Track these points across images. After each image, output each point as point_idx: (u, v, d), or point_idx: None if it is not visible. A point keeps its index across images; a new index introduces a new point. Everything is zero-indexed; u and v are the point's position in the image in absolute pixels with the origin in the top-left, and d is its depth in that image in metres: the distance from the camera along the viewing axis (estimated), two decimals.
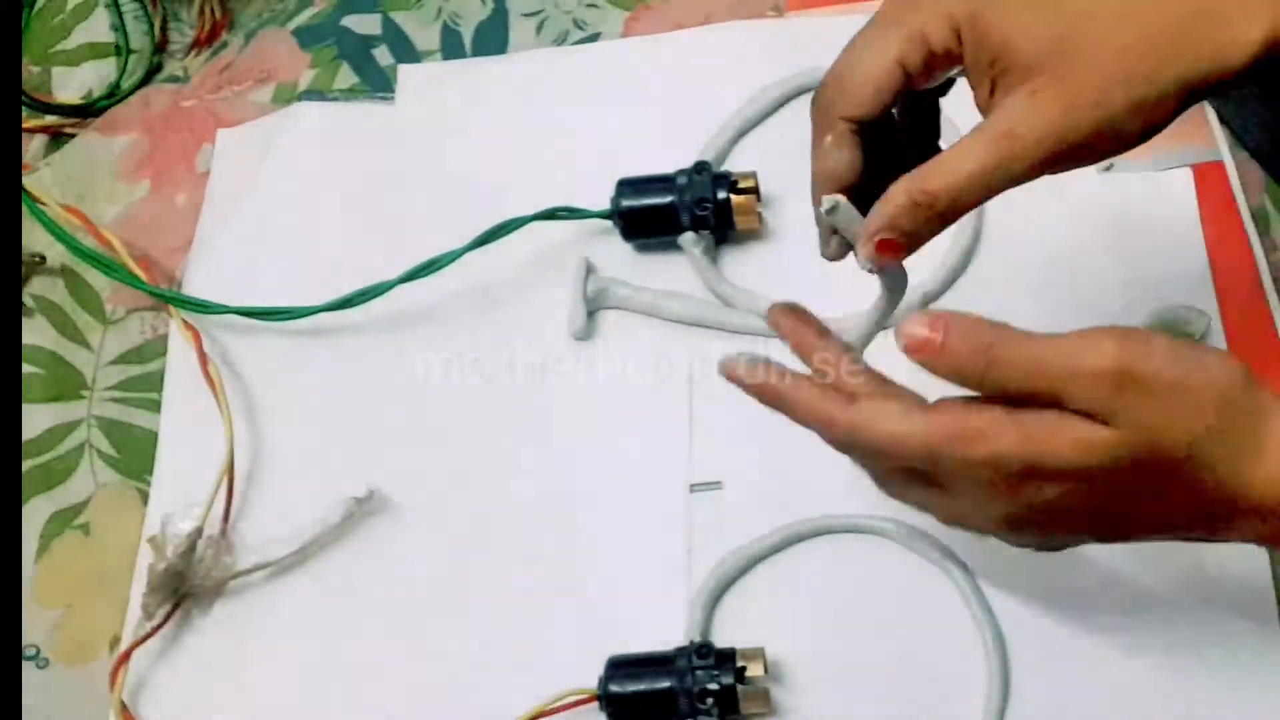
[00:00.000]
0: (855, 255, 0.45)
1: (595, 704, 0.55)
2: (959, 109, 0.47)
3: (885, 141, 0.45)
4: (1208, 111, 0.67)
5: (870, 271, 0.45)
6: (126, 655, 0.60)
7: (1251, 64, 0.41)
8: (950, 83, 0.45)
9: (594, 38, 0.75)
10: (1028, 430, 0.40)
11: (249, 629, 0.62)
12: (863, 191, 0.44)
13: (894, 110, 0.45)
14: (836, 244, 0.46)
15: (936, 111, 0.47)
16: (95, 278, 0.72)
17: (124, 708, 0.60)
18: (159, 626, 0.60)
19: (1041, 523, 0.42)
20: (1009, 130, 0.41)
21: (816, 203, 0.45)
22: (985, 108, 0.43)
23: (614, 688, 0.56)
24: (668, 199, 0.65)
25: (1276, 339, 0.62)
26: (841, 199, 0.44)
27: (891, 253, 0.44)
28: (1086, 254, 0.64)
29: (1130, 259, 0.64)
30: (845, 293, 0.65)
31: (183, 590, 0.60)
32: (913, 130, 0.46)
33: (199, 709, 0.61)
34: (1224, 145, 0.66)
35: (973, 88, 0.43)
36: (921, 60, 0.42)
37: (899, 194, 0.42)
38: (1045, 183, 0.67)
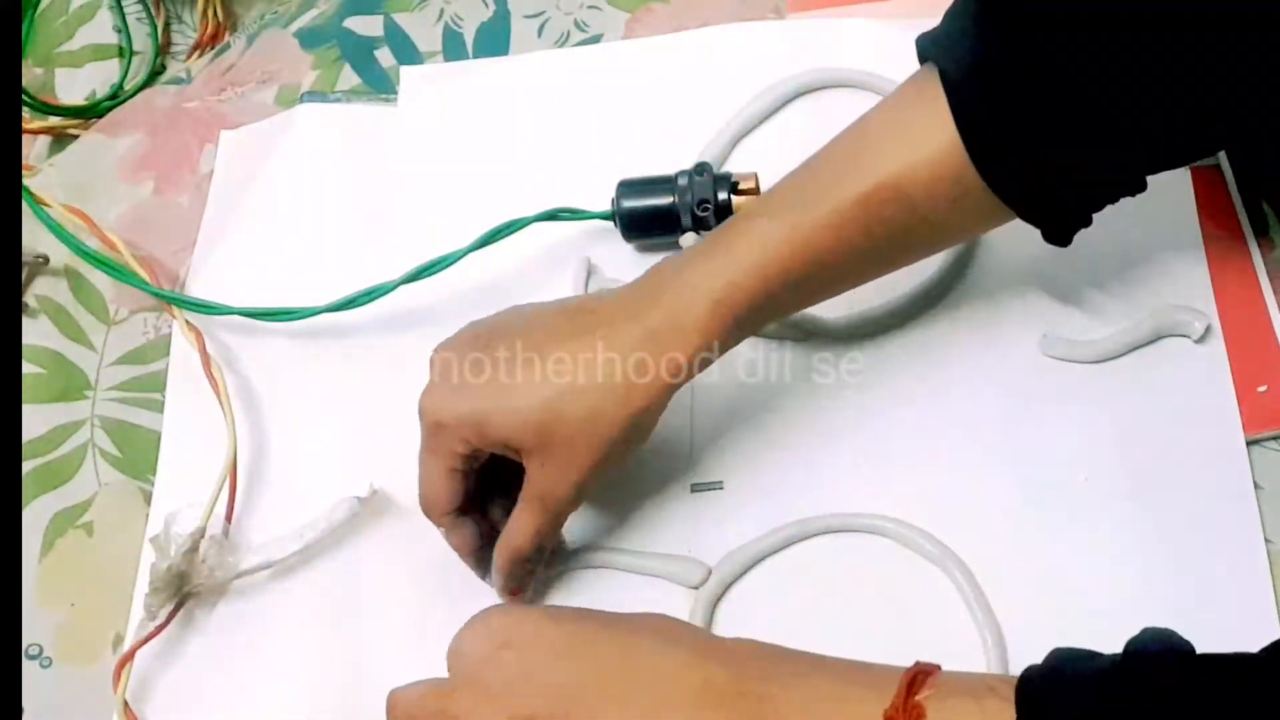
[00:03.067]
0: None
1: None
2: None
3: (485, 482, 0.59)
4: None
5: None
6: (130, 655, 0.60)
7: (689, 376, 0.54)
8: None
9: (595, 39, 0.75)
10: None
11: (252, 629, 0.62)
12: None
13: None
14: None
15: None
16: (98, 278, 0.72)
17: (127, 707, 0.60)
18: (162, 626, 0.60)
19: None
20: (543, 495, 0.55)
21: (480, 575, 0.60)
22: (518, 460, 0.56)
23: None
24: (669, 200, 0.65)
25: (1274, 339, 0.62)
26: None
27: (519, 594, 0.59)
28: (1085, 255, 0.64)
29: (1129, 260, 0.64)
30: (844, 293, 0.65)
31: (186, 590, 0.61)
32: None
33: (202, 709, 0.61)
34: None
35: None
36: (463, 464, 0.56)
37: (500, 562, 0.57)
38: None
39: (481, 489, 0.59)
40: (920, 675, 0.44)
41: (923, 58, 0.54)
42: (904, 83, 0.55)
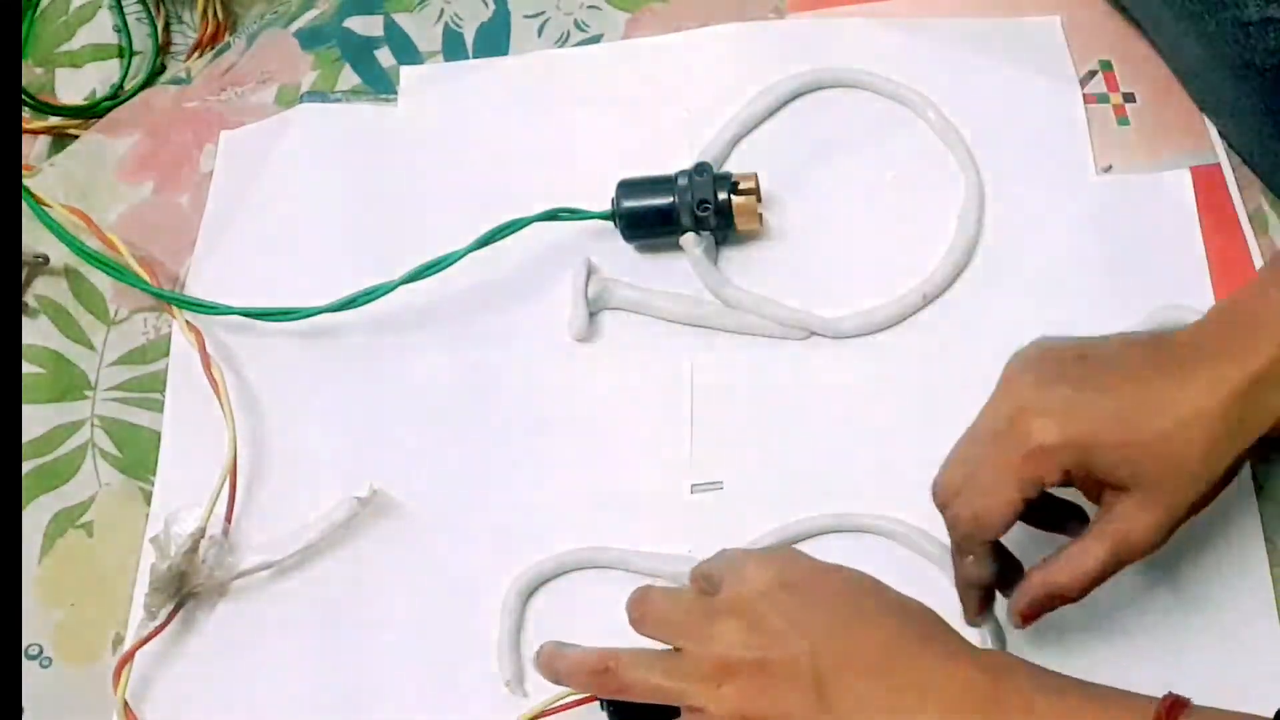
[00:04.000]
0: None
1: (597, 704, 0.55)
2: None
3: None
4: (1206, 120, 0.67)
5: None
6: (130, 656, 0.60)
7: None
8: None
9: (595, 39, 0.75)
10: None
11: (252, 629, 0.62)
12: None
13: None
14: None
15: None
16: (98, 278, 0.72)
17: (127, 707, 0.60)
18: (162, 627, 0.60)
19: None
20: (1125, 534, 0.50)
21: (968, 615, 0.55)
22: (1091, 498, 0.52)
23: None
24: (668, 200, 0.65)
25: None
26: None
27: (1030, 621, 0.53)
28: (1086, 254, 0.64)
29: (1129, 259, 0.64)
30: (845, 292, 0.66)
31: (185, 590, 0.60)
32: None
33: (202, 709, 0.61)
34: (1221, 148, 0.66)
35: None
36: (1038, 494, 0.51)
37: (1036, 585, 0.52)
38: (1045, 184, 0.68)
39: None
40: (1176, 704, 0.45)
41: None
42: None
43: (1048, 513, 0.54)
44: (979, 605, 0.55)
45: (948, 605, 0.58)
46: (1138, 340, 0.53)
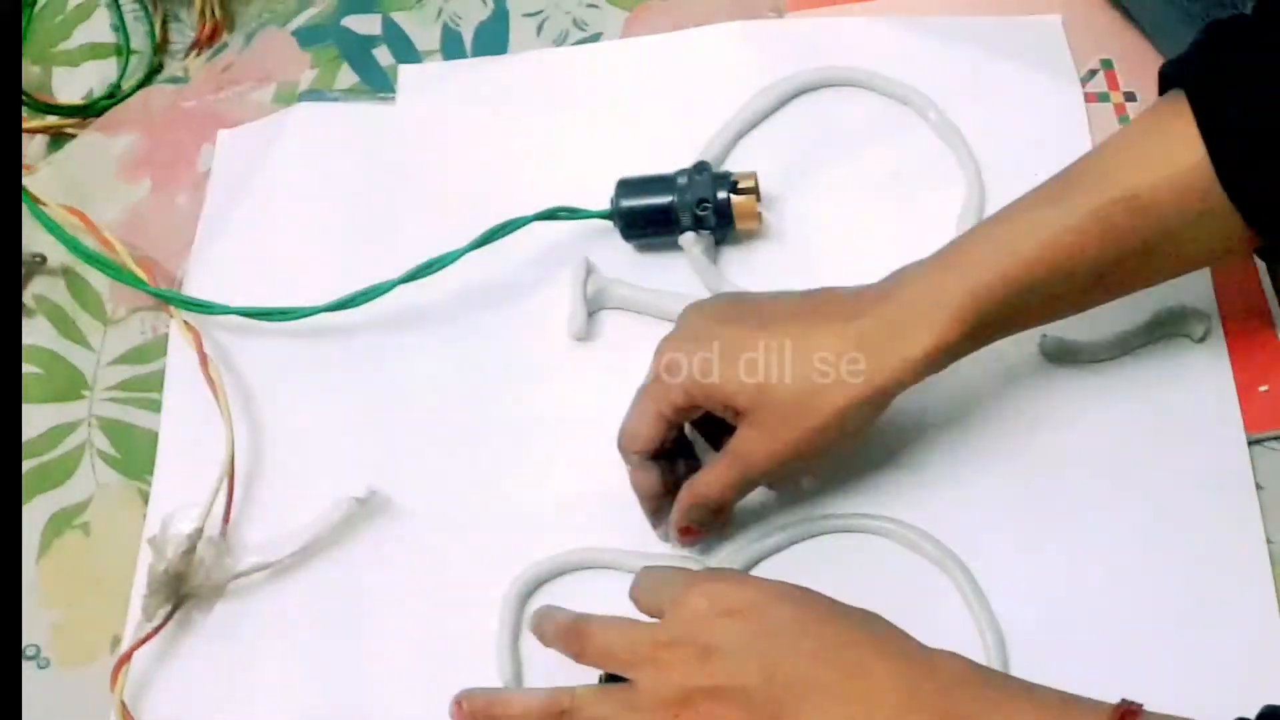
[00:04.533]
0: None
1: None
2: None
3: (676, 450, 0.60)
4: None
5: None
6: (127, 657, 0.60)
7: (918, 374, 0.54)
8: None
9: (594, 38, 0.75)
10: None
11: (249, 630, 0.62)
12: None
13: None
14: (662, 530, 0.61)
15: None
16: (96, 278, 0.72)
17: (125, 709, 0.60)
18: (159, 628, 0.60)
19: None
20: (740, 452, 0.56)
21: (652, 524, 0.61)
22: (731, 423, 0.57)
23: None
24: (668, 199, 0.65)
25: (1276, 340, 0.62)
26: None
27: (691, 535, 0.59)
28: None
29: None
30: None
31: (183, 592, 0.60)
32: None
33: (199, 710, 0.61)
34: None
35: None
36: (674, 414, 0.57)
37: (683, 497, 0.58)
38: None
39: (677, 446, 0.60)
40: (1129, 713, 0.45)
41: (1166, 83, 0.54)
42: (1151, 105, 0.54)
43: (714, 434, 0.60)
44: (653, 515, 0.60)
45: (946, 607, 0.58)
46: (802, 292, 0.58)
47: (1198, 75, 0.52)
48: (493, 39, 0.76)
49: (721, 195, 0.65)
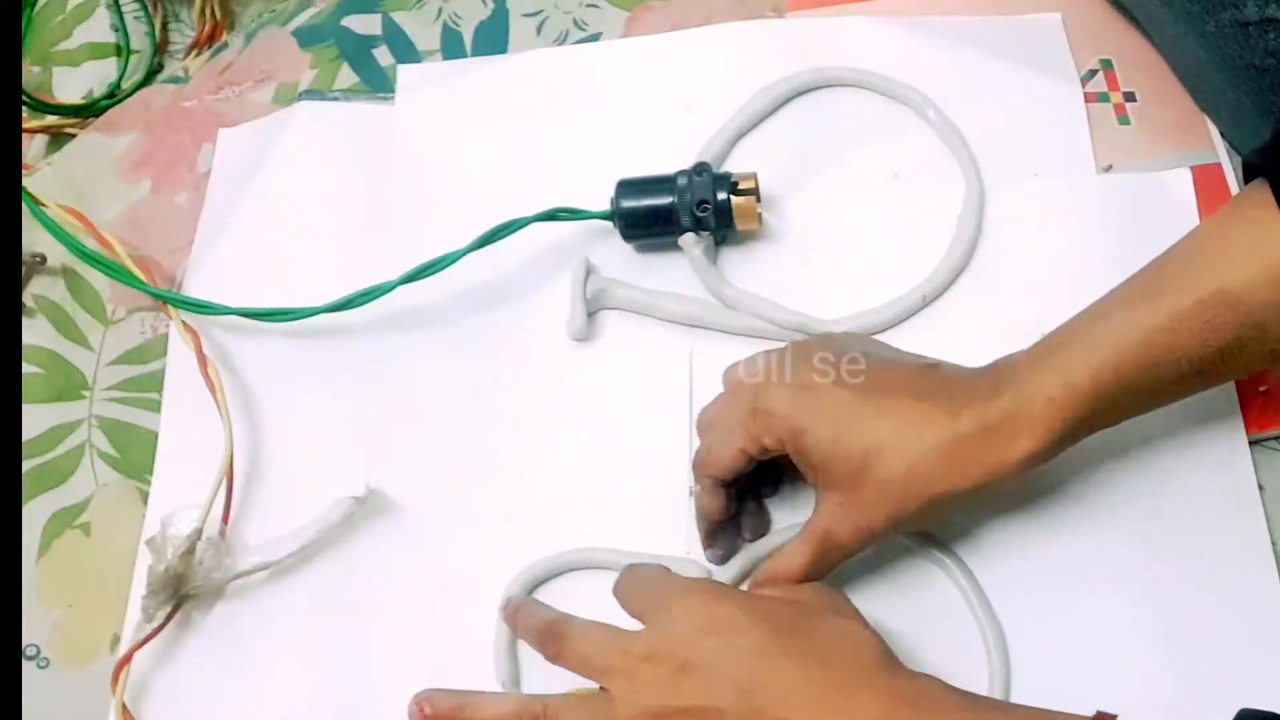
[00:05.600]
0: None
1: None
2: None
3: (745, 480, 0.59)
4: (1206, 120, 0.67)
5: None
6: (127, 658, 0.60)
7: (1016, 475, 0.53)
8: None
9: (594, 38, 0.75)
10: None
11: (249, 630, 0.62)
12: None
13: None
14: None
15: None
16: (96, 278, 0.72)
17: (125, 710, 0.60)
18: (159, 629, 0.60)
19: None
20: (826, 533, 0.54)
21: (703, 543, 0.60)
22: (811, 482, 0.56)
23: None
24: (668, 200, 0.65)
25: None
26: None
27: None
28: (1086, 254, 0.64)
29: (1129, 259, 0.63)
30: (845, 292, 0.65)
31: (183, 592, 0.60)
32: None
33: (199, 710, 0.61)
34: (1222, 148, 0.66)
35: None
36: (758, 453, 0.56)
37: (764, 572, 0.56)
38: (1045, 183, 0.68)
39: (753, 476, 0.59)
40: None
41: (1251, 173, 0.54)
42: (1236, 196, 0.54)
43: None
44: (707, 536, 0.59)
45: (946, 607, 0.58)
46: (912, 361, 0.58)
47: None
48: (493, 39, 0.76)
49: (721, 196, 0.65)
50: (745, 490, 0.60)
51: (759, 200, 0.65)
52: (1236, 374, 0.56)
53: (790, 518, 0.61)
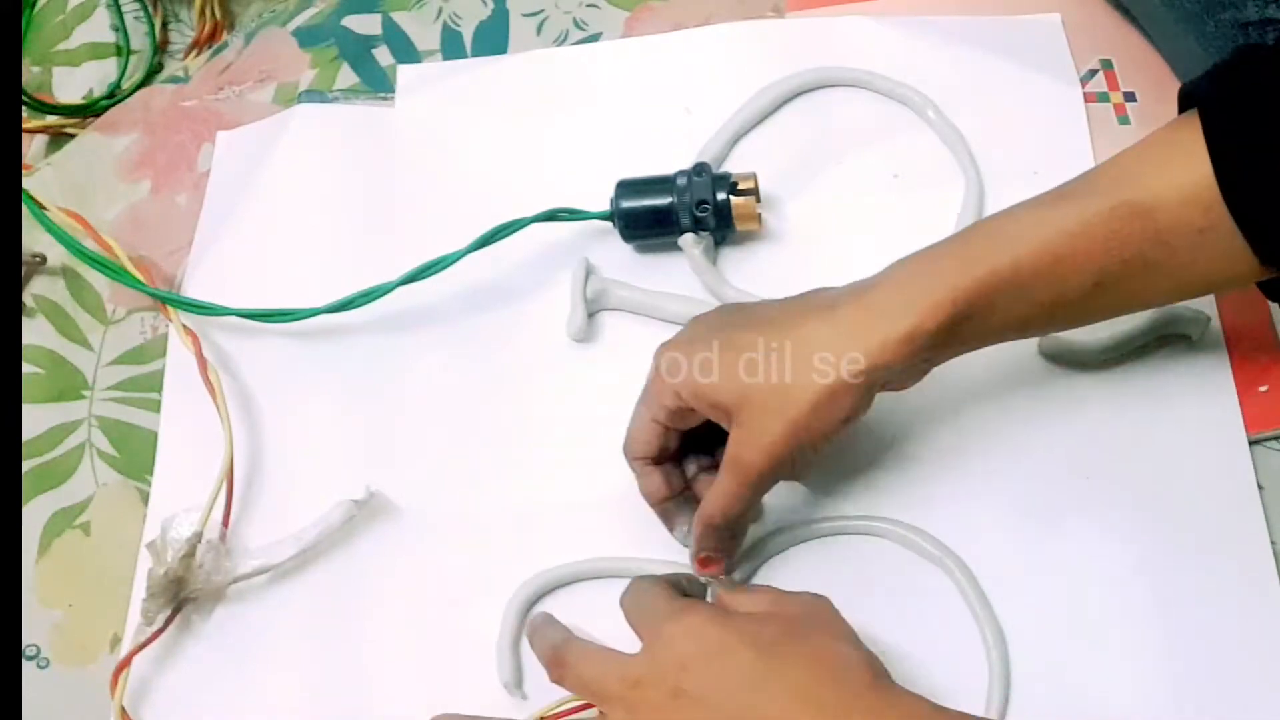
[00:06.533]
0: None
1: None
2: None
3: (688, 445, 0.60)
4: None
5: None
6: (127, 661, 0.59)
7: (895, 359, 0.52)
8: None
9: (594, 38, 0.75)
10: None
11: (249, 633, 0.62)
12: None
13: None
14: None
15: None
16: (96, 278, 0.72)
17: (124, 713, 0.60)
18: (159, 632, 0.60)
19: None
20: (733, 458, 0.55)
21: (669, 529, 0.60)
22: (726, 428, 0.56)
23: None
24: (667, 200, 0.65)
25: (1274, 339, 0.62)
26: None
27: (711, 566, 0.58)
28: None
29: None
30: None
31: (183, 595, 0.60)
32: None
33: (199, 713, 0.61)
34: None
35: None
36: (667, 417, 0.57)
37: (696, 526, 0.57)
38: (1045, 183, 0.67)
39: (685, 452, 0.60)
40: None
41: (1185, 102, 0.54)
42: (1168, 122, 0.54)
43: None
44: (663, 518, 0.60)
45: (946, 607, 0.58)
46: (802, 294, 0.57)
47: (1214, 94, 0.51)
48: (493, 39, 0.76)
49: (721, 196, 0.65)
50: (683, 462, 0.60)
51: (759, 200, 0.65)
52: (1137, 299, 0.54)
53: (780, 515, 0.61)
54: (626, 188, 0.66)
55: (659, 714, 0.49)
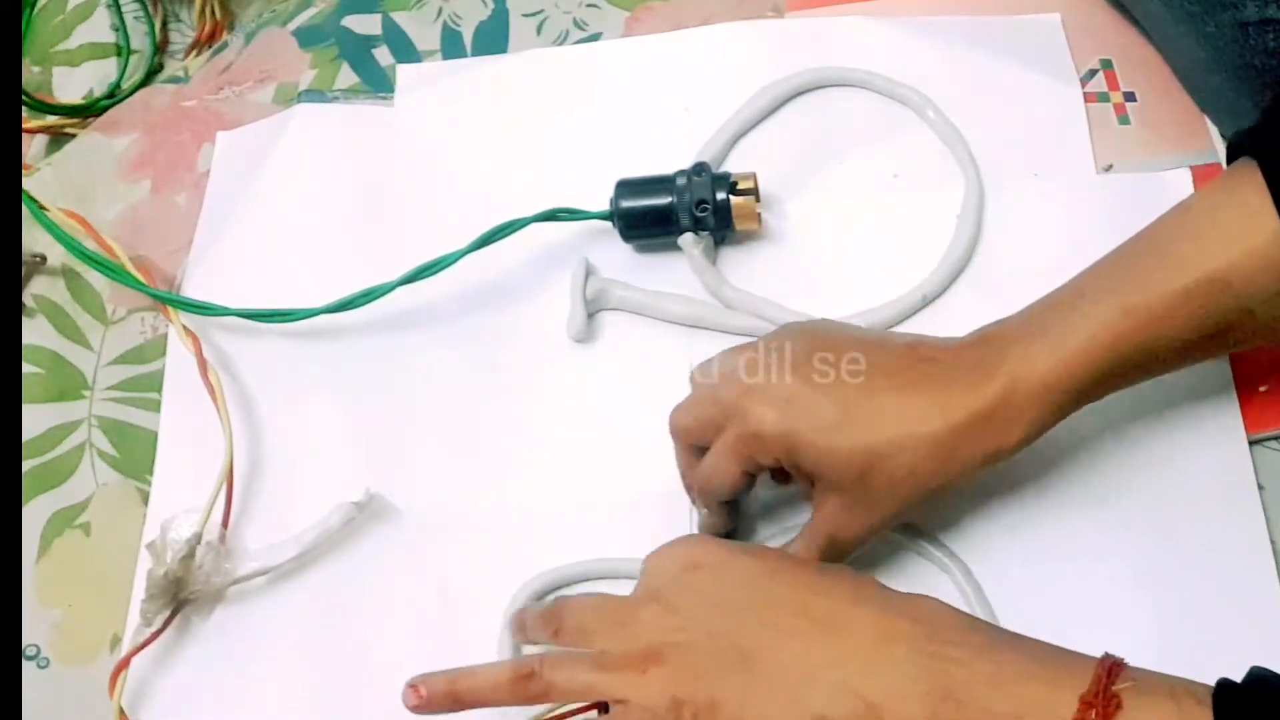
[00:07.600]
0: None
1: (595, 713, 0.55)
2: None
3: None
4: (1206, 120, 0.67)
5: None
6: (126, 662, 0.59)
7: (1003, 460, 0.53)
8: None
9: (594, 38, 0.75)
10: None
11: (249, 635, 0.62)
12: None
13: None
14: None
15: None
16: (96, 278, 0.72)
17: (123, 714, 0.60)
18: (158, 633, 0.60)
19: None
20: (831, 535, 0.54)
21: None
22: (806, 495, 0.56)
23: None
24: (667, 200, 0.65)
25: None
26: None
27: None
28: (1086, 254, 0.64)
29: None
30: (845, 292, 0.65)
31: (182, 596, 0.60)
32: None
33: (198, 715, 0.61)
34: (1221, 148, 0.66)
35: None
36: (757, 471, 0.56)
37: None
38: (1045, 183, 0.68)
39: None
40: (1115, 666, 0.44)
41: (1234, 152, 0.54)
42: (1219, 176, 0.54)
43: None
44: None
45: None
46: (884, 341, 0.56)
47: (1270, 145, 0.51)
48: (493, 39, 0.76)
49: (721, 196, 0.64)
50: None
51: (758, 200, 0.65)
52: (1224, 351, 0.56)
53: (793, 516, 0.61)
54: (626, 187, 0.66)
55: (658, 626, 0.48)
